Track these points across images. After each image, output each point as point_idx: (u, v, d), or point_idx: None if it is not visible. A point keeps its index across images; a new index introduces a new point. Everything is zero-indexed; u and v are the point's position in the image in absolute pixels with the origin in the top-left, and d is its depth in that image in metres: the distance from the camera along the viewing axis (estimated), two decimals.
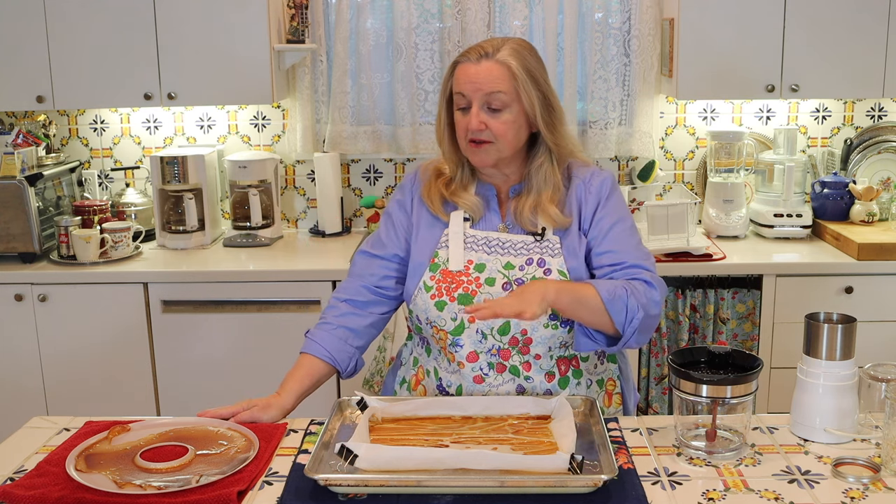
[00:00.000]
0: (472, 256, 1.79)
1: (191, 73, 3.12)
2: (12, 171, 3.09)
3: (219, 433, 1.64)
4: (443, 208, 1.83)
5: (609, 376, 1.88)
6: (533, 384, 1.77)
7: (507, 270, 1.77)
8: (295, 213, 3.59)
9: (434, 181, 1.86)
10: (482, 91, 1.72)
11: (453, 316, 1.75)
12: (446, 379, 1.80)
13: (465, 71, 1.74)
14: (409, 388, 1.89)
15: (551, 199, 1.78)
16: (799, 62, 3.07)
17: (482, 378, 1.76)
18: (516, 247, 1.79)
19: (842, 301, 2.92)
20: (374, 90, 3.38)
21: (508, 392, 1.76)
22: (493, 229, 1.82)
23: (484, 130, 1.73)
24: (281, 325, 2.98)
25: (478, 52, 1.74)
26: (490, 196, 1.85)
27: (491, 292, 1.75)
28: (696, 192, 3.47)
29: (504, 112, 1.73)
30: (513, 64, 1.72)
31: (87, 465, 1.52)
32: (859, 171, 3.35)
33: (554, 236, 1.79)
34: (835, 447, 1.59)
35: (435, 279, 1.77)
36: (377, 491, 1.41)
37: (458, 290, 1.75)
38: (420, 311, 1.79)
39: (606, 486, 1.40)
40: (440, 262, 1.79)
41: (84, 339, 3.02)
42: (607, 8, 3.32)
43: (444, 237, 1.81)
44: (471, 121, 1.73)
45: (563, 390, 1.78)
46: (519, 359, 1.76)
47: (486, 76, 1.72)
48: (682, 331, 3.04)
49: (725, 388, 1.53)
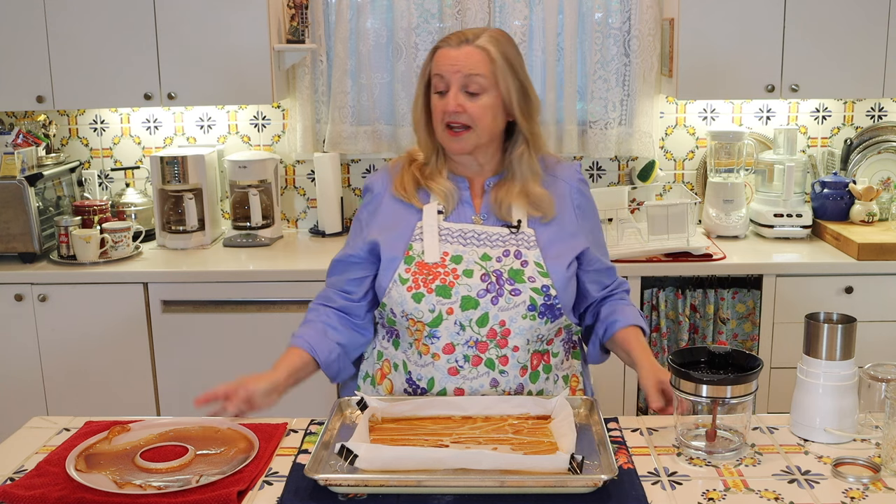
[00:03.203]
0: (448, 248, 1.79)
1: (191, 73, 3.12)
2: (12, 171, 3.09)
3: (219, 433, 1.64)
4: (417, 195, 1.84)
5: (573, 372, 1.89)
6: (507, 378, 1.77)
7: (485, 262, 1.77)
8: (295, 213, 3.59)
9: (408, 168, 1.87)
10: (461, 73, 1.75)
11: (431, 307, 1.75)
12: (416, 373, 1.79)
13: (446, 54, 1.77)
14: (374, 383, 1.87)
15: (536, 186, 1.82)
16: (799, 62, 3.07)
17: (457, 370, 1.75)
18: (492, 238, 1.80)
19: (842, 301, 2.92)
20: (374, 90, 3.38)
21: (482, 385, 1.76)
22: (467, 221, 1.83)
23: (461, 113, 1.75)
24: (281, 325, 2.98)
25: (458, 37, 1.78)
26: (463, 188, 1.86)
27: (469, 284, 1.75)
28: (696, 192, 3.47)
29: (482, 96, 1.76)
30: (491, 50, 1.76)
31: (87, 465, 1.52)
32: (859, 171, 3.35)
33: (529, 229, 1.80)
34: (835, 447, 1.59)
35: (411, 271, 1.77)
36: (377, 491, 1.41)
37: (436, 282, 1.75)
38: (395, 305, 1.77)
39: (606, 486, 1.40)
40: (415, 254, 1.78)
41: (84, 340, 3.02)
42: (607, 8, 3.32)
43: (417, 230, 1.81)
44: (448, 102, 1.75)
45: (533, 384, 1.79)
46: (496, 352, 1.76)
47: (466, 59, 1.75)
48: (682, 331, 3.04)
49: (725, 388, 1.53)
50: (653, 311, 3.06)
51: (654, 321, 3.06)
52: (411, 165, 1.87)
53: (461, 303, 1.73)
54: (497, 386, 1.76)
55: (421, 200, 1.83)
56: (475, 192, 1.86)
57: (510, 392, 1.76)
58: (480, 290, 1.74)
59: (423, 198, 1.84)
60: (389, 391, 1.83)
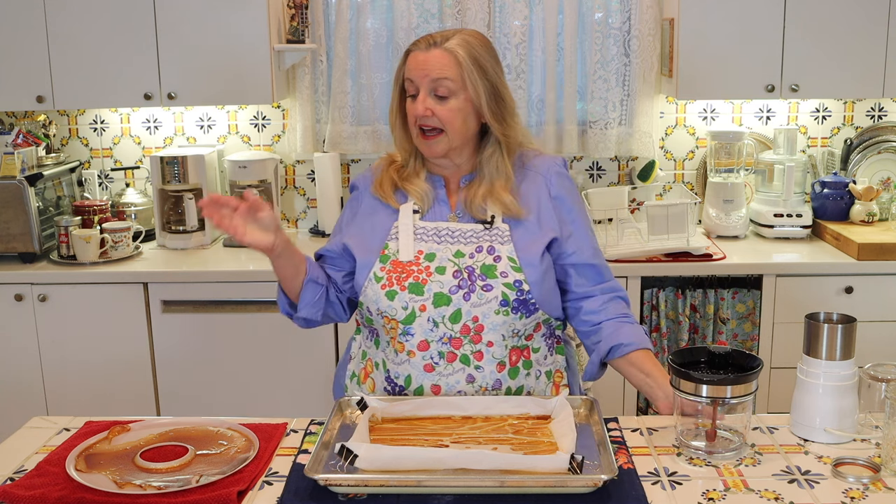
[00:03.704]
0: (423, 246, 1.81)
1: (191, 73, 3.12)
2: (12, 171, 3.09)
3: (219, 433, 1.64)
4: (394, 196, 1.87)
5: (557, 368, 1.89)
6: (483, 374, 1.77)
7: (458, 259, 1.78)
8: (295, 213, 3.59)
9: (387, 169, 1.90)
10: (429, 77, 1.77)
11: (404, 305, 1.76)
12: (394, 371, 1.80)
13: (415, 58, 1.79)
14: (359, 382, 1.89)
15: (504, 188, 1.82)
16: (799, 62, 3.07)
17: (433, 367, 1.77)
18: (466, 235, 1.81)
19: (842, 301, 2.92)
20: (374, 90, 3.38)
21: (458, 382, 1.76)
22: (443, 219, 1.85)
23: (430, 117, 1.77)
24: (281, 325, 2.97)
25: (427, 41, 1.80)
26: (439, 187, 1.87)
27: (442, 281, 1.76)
28: (696, 192, 3.47)
29: (450, 99, 1.78)
30: (459, 53, 1.77)
31: (87, 465, 1.52)
32: (859, 171, 3.35)
33: (503, 224, 1.81)
34: (835, 447, 1.59)
35: (385, 270, 1.79)
36: (377, 491, 1.41)
37: (409, 280, 1.77)
38: (370, 302, 1.79)
39: (606, 486, 1.40)
40: (390, 253, 1.81)
41: (84, 339, 3.02)
42: (607, 8, 3.32)
43: (394, 229, 1.83)
44: (417, 107, 1.77)
45: (512, 380, 1.79)
46: (470, 348, 1.76)
47: (434, 63, 1.77)
48: (682, 331, 3.04)
49: (725, 388, 1.53)
50: (653, 311, 3.05)
51: (654, 321, 3.06)
52: (390, 167, 1.90)
53: (433, 299, 1.75)
54: (473, 382, 1.77)
55: (398, 201, 1.86)
56: (451, 190, 1.88)
57: (486, 388, 1.77)
58: (452, 286, 1.76)
59: (400, 198, 1.87)
60: (372, 390, 1.85)
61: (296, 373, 3.02)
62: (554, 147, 3.38)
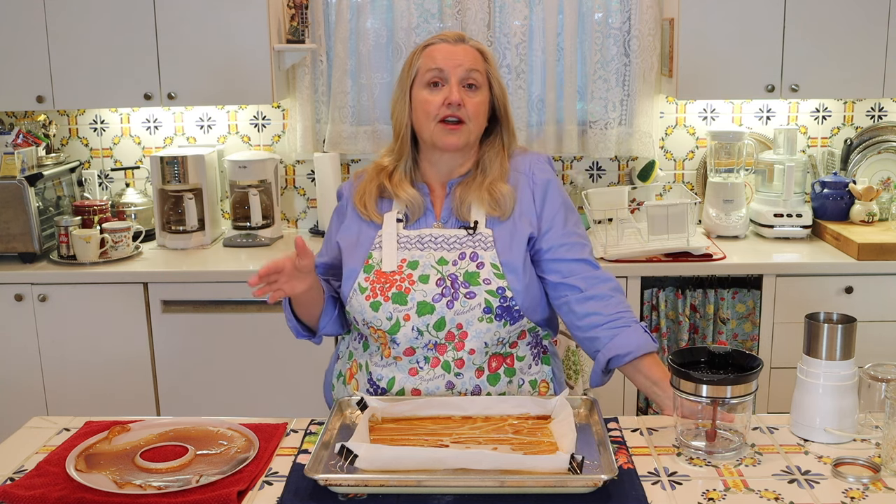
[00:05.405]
0: (406, 254, 1.81)
1: (191, 73, 3.12)
2: (12, 171, 3.09)
3: (219, 433, 1.64)
4: (377, 209, 1.85)
5: (542, 378, 1.88)
6: (462, 380, 1.78)
7: (441, 266, 1.78)
8: (295, 213, 3.59)
9: (375, 177, 1.88)
10: (462, 67, 1.79)
11: (388, 315, 1.76)
12: (377, 373, 1.81)
13: (442, 49, 1.81)
14: (345, 382, 1.91)
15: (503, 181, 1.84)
16: (799, 62, 3.07)
17: (417, 371, 1.78)
18: (449, 241, 1.81)
19: (842, 301, 2.92)
20: (374, 90, 3.38)
21: (438, 387, 1.77)
22: (427, 226, 1.84)
23: (461, 107, 1.78)
24: (280, 325, 2.95)
25: (454, 35, 1.85)
26: (423, 194, 1.87)
27: (425, 290, 1.76)
28: (696, 192, 3.47)
29: (479, 92, 1.82)
30: (485, 51, 1.85)
31: (87, 465, 1.52)
32: (859, 171, 3.35)
33: (486, 230, 1.81)
34: (835, 447, 1.59)
35: (369, 280, 1.79)
36: (377, 491, 1.41)
37: (392, 290, 1.77)
38: (356, 313, 1.80)
39: (606, 486, 1.40)
40: (374, 262, 1.81)
41: (84, 339, 3.02)
42: (607, 8, 3.32)
43: (378, 239, 1.83)
44: (451, 92, 1.78)
45: (492, 387, 1.79)
46: (453, 354, 1.77)
47: (465, 55, 1.81)
48: (682, 331, 3.04)
49: (725, 388, 1.53)
50: (653, 311, 3.05)
51: (654, 321, 3.06)
52: (380, 174, 1.87)
53: (417, 308, 1.75)
54: (453, 388, 1.78)
55: (382, 210, 1.85)
56: (435, 196, 1.87)
57: (466, 394, 1.77)
58: (436, 294, 1.76)
59: (384, 207, 1.85)
60: (356, 391, 1.86)
61: (296, 373, 3.02)
62: (554, 147, 3.38)
